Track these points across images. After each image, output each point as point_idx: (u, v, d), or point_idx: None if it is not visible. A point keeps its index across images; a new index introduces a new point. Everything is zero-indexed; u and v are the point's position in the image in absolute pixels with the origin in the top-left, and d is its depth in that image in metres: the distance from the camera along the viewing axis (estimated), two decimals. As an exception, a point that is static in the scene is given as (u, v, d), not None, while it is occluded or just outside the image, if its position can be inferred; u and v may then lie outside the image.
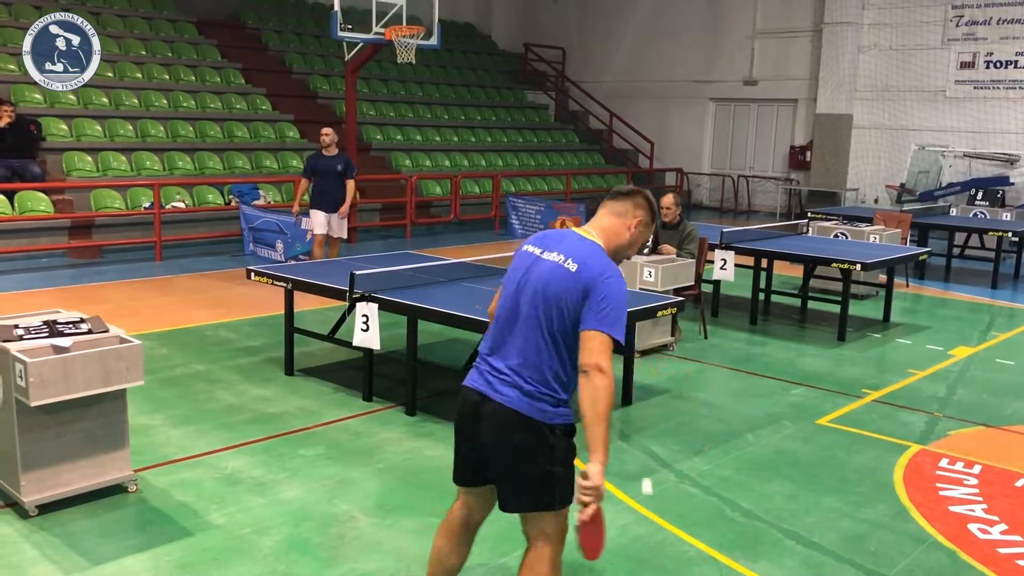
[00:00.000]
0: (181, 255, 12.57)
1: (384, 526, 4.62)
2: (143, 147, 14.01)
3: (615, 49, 22.59)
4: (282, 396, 6.63)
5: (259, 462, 5.38)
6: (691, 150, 21.64)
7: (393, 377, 7.08)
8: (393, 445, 5.71)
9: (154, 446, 5.58)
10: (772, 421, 6.39)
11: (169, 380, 6.93)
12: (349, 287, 6.19)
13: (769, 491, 5.18)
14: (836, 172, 19.38)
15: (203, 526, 4.54)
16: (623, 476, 5.32)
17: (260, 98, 16.60)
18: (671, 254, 8.25)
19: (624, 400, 6.68)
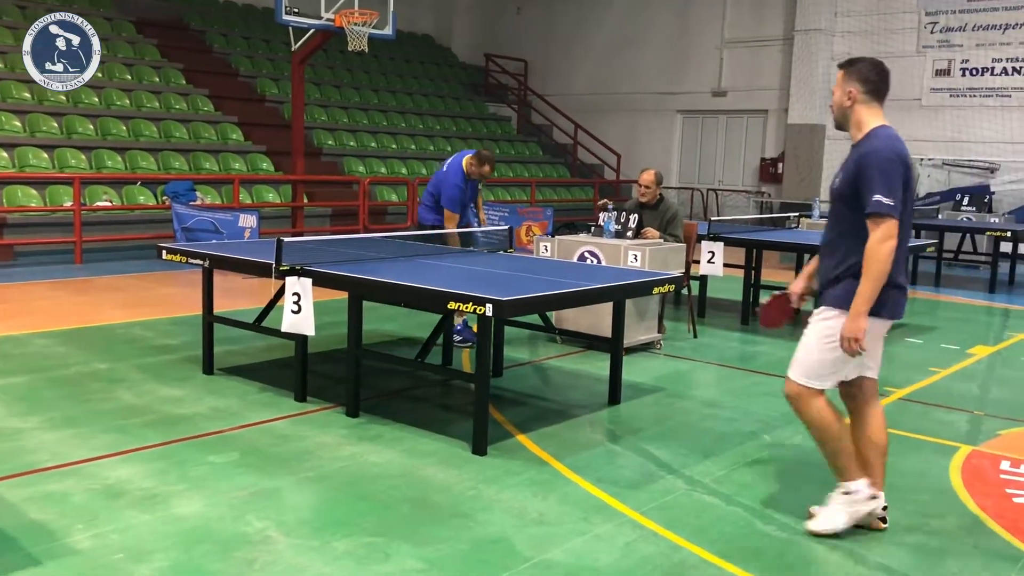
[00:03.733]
0: (106, 258, 11.28)
1: (309, 548, 3.44)
2: (68, 144, 12.73)
3: (580, 61, 21.77)
4: (195, 396, 5.43)
5: (152, 471, 4.18)
6: (659, 163, 20.67)
7: (332, 376, 5.92)
8: (328, 450, 4.54)
9: (17, 452, 4.35)
10: (790, 421, 5.31)
11: (58, 379, 5.69)
12: (276, 259, 5.04)
13: (804, 499, 4.08)
14: (809, 184, 18.60)
15: (59, 551, 3.34)
16: (621, 484, 4.21)
17: (202, 99, 15.42)
18: (655, 238, 7.22)
19: (612, 399, 5.59)
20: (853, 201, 3.55)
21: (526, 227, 13.46)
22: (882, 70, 3.67)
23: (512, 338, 7.05)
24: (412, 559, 3.38)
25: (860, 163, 3.53)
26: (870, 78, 3.63)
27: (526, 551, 3.48)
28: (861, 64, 3.68)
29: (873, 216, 3.45)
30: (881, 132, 3.59)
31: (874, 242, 3.45)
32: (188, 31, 17.44)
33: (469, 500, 3.96)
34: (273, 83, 17.06)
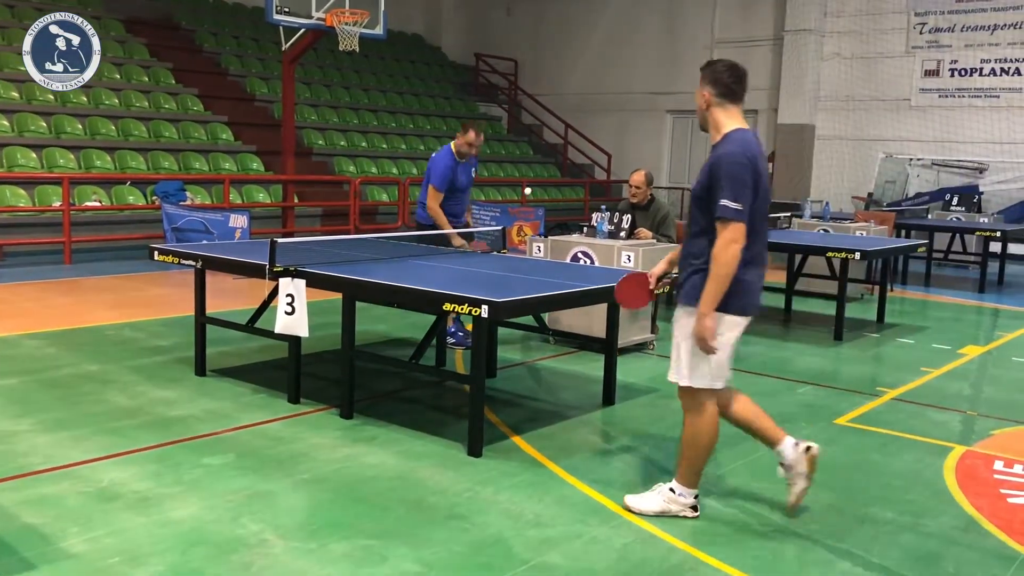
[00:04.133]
0: (95, 259, 11.22)
1: (306, 551, 3.43)
2: (57, 144, 12.66)
3: (570, 61, 21.76)
4: (189, 398, 5.40)
5: (147, 473, 4.15)
6: (649, 163, 20.66)
7: (326, 377, 5.90)
8: (323, 452, 4.53)
9: (10, 455, 4.32)
10: (784, 421, 5.30)
11: (50, 381, 5.65)
12: (269, 260, 5.02)
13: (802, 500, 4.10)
14: (799, 184, 18.65)
15: (53, 556, 3.31)
16: (616, 486, 4.20)
17: (191, 99, 15.35)
18: (648, 238, 7.23)
19: (606, 400, 5.58)
20: (706, 204, 3.63)
21: (517, 227, 13.43)
22: (736, 72, 3.72)
23: (505, 339, 7.04)
24: (409, 562, 3.37)
25: (712, 167, 3.61)
26: (722, 80, 3.69)
27: (524, 553, 3.47)
28: (716, 66, 3.73)
29: (720, 220, 3.52)
30: (735, 135, 3.65)
31: (720, 245, 3.53)
32: (178, 30, 17.35)
33: (465, 502, 3.95)
34: (263, 82, 17.00)
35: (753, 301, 3.74)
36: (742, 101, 3.75)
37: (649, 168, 7.96)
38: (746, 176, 3.54)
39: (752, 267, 3.67)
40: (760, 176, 3.61)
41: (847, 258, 7.65)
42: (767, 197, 3.69)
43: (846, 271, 7.91)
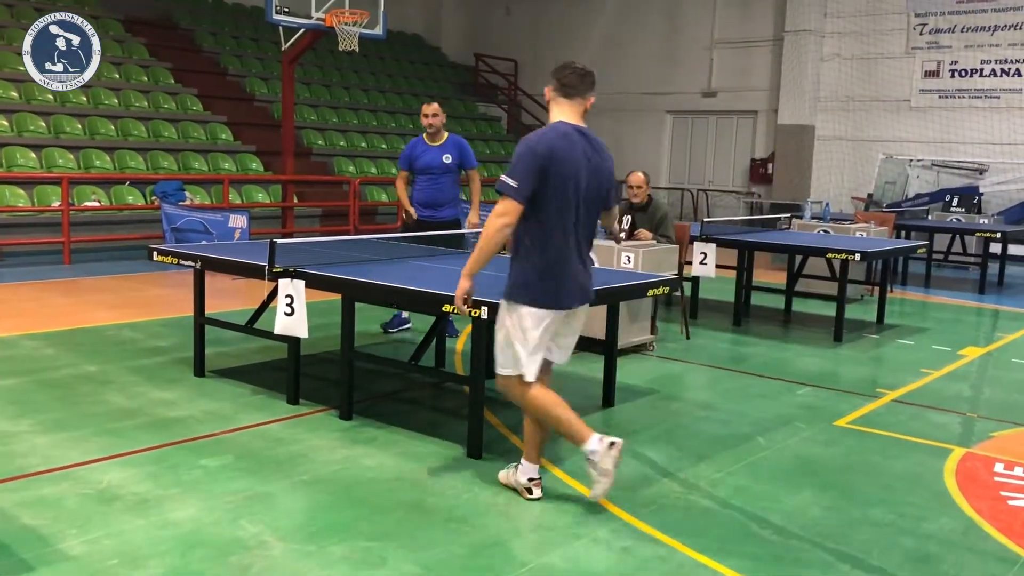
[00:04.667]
0: (95, 259, 11.21)
1: (305, 553, 3.42)
2: (56, 144, 12.65)
3: (567, 60, 21.76)
4: (188, 399, 5.39)
5: (145, 474, 4.15)
6: (648, 164, 20.70)
7: (325, 379, 5.90)
8: (322, 453, 4.52)
9: (8, 456, 4.31)
10: (784, 423, 5.33)
11: (49, 382, 5.64)
12: (269, 261, 5.01)
13: (800, 502, 4.10)
14: (799, 185, 18.64)
15: (51, 557, 3.30)
16: (616, 487, 4.16)
17: (191, 98, 15.34)
18: (648, 239, 7.22)
19: (605, 402, 5.58)
20: None
21: (517, 227, 13.43)
22: (578, 73, 3.91)
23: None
24: (409, 564, 3.36)
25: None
26: (561, 78, 3.92)
27: (523, 555, 3.47)
28: (563, 66, 3.97)
29: (498, 192, 3.76)
30: (550, 127, 3.87)
31: (491, 216, 3.74)
32: (177, 30, 17.35)
33: (465, 504, 3.94)
34: (263, 82, 16.99)
35: (547, 299, 3.83)
36: (582, 97, 3.91)
37: (647, 169, 7.95)
38: (529, 161, 3.71)
39: (550, 268, 3.80)
40: (557, 169, 3.73)
41: (847, 259, 7.65)
42: (574, 197, 3.79)
43: (846, 272, 7.90)
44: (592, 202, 3.89)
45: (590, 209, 3.90)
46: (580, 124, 3.91)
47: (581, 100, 3.92)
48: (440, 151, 6.99)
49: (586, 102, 3.94)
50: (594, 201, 3.91)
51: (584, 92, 3.92)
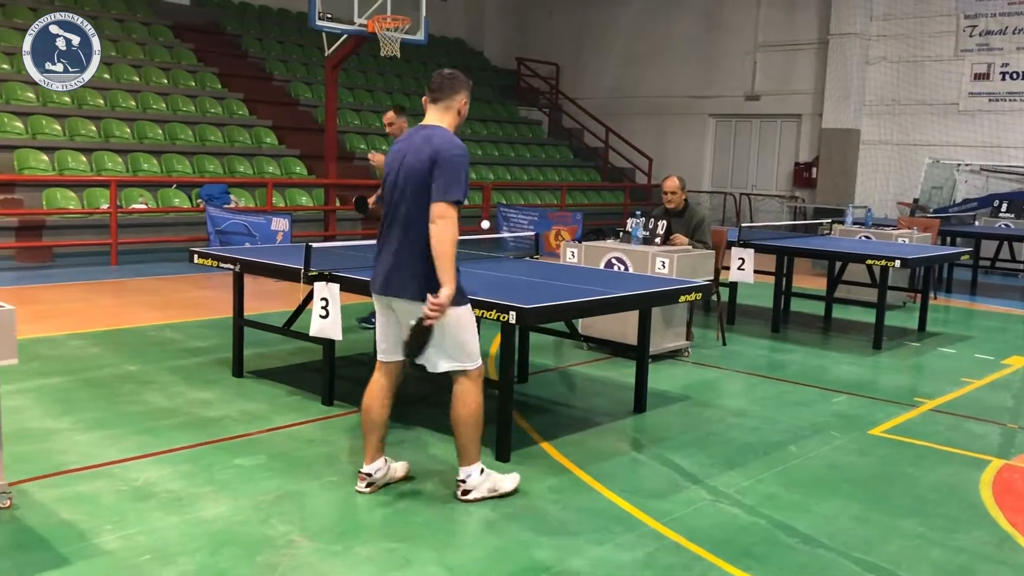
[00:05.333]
0: (141, 260, 11.45)
1: (331, 553, 3.48)
2: (105, 147, 12.95)
3: (611, 64, 21.71)
4: (225, 399, 5.50)
5: (180, 473, 4.24)
6: (691, 167, 20.60)
7: (360, 380, 5.92)
8: (353, 456, 4.58)
9: (49, 453, 4.44)
10: (817, 431, 5.29)
11: (91, 380, 5.79)
12: (304, 264, 5.10)
13: (830, 512, 4.06)
14: (843, 189, 18.40)
15: (88, 552, 3.40)
16: (643, 494, 4.20)
17: (236, 103, 15.61)
18: (683, 244, 7.19)
19: (637, 407, 5.57)
20: None
21: (555, 232, 13.45)
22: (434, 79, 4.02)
23: (537, 344, 7.05)
24: (433, 565, 3.40)
25: None
26: (429, 85, 4.05)
27: (547, 559, 3.49)
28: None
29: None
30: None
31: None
32: (224, 35, 17.65)
33: (490, 507, 3.97)
34: (307, 87, 17.22)
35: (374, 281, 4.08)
36: (434, 103, 4.00)
37: (690, 172, 7.92)
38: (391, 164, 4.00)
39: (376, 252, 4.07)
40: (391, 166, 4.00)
41: (887, 266, 7.54)
42: (392, 189, 3.97)
43: (886, 279, 7.79)
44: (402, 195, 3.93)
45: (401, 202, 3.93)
46: (434, 123, 3.98)
47: (434, 103, 4.01)
48: None
49: (453, 103, 3.99)
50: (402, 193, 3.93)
51: (434, 96, 4.00)
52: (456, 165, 3.79)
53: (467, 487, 4.00)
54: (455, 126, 3.99)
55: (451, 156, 3.80)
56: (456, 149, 3.83)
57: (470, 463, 4.02)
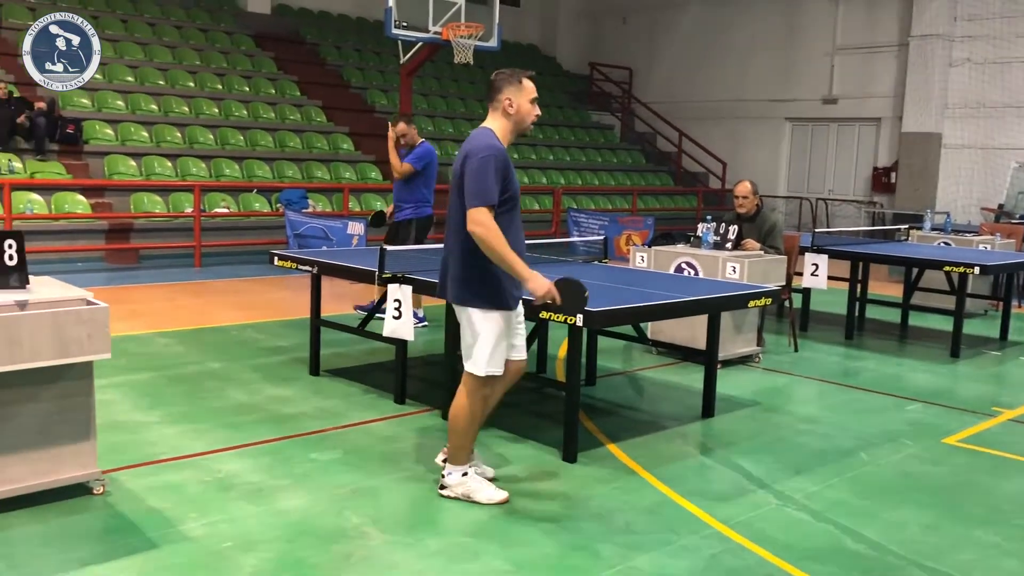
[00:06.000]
0: (223, 262, 11.85)
1: (403, 545, 3.60)
2: (190, 153, 13.44)
3: (685, 68, 21.58)
4: (302, 396, 5.70)
5: (261, 466, 4.43)
6: (766, 172, 20.35)
7: (431, 380, 6.11)
8: (425, 452, 4.71)
9: (139, 444, 4.67)
10: (889, 439, 5.22)
11: (177, 377, 6.06)
12: (379, 267, 5.26)
13: (900, 519, 4.03)
14: (924, 194, 17.94)
15: (174, 537, 3.59)
16: (709, 496, 4.23)
17: (315, 110, 16.02)
18: (755, 250, 7.16)
19: (705, 412, 5.58)
20: None
21: (626, 236, 13.45)
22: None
23: (606, 348, 7.10)
24: (500, 560, 3.49)
25: None
26: None
27: (611, 558, 3.55)
28: None
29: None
30: None
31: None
32: (303, 44, 18.11)
33: (557, 506, 4.05)
34: (383, 94, 17.55)
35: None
36: (489, 107, 4.04)
37: (765, 177, 7.87)
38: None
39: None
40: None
41: (966, 272, 7.38)
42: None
43: (965, 286, 7.63)
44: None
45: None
46: (483, 126, 4.00)
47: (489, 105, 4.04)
48: (403, 157, 7.98)
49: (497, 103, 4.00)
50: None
51: (489, 97, 4.04)
52: (479, 168, 3.75)
53: (444, 483, 4.08)
54: (505, 127, 3.94)
55: (475, 159, 3.78)
56: (482, 151, 3.78)
57: (453, 463, 4.08)
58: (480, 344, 3.93)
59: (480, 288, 3.90)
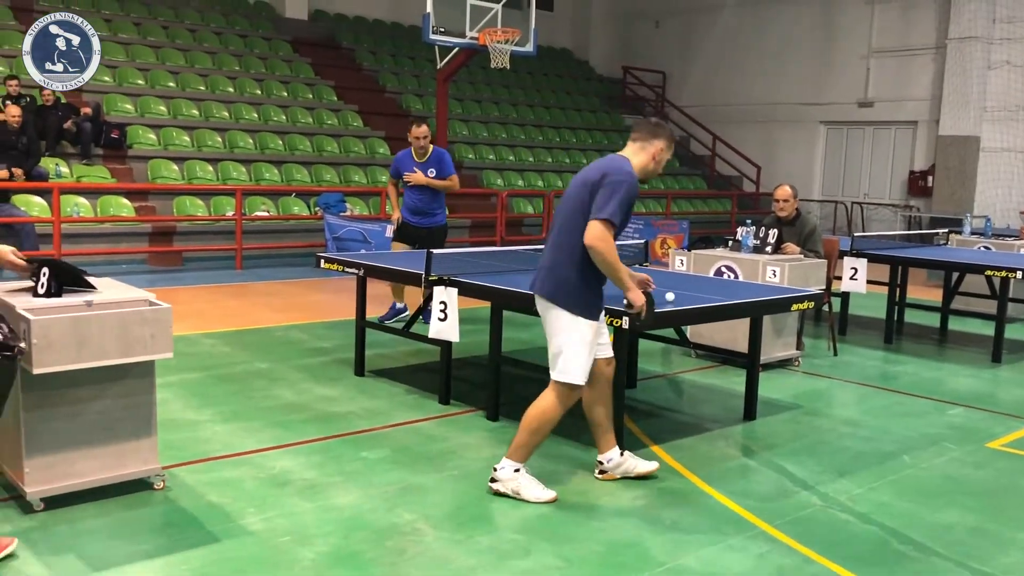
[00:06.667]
0: (263, 265, 12.04)
1: (454, 541, 3.69)
2: (230, 158, 13.66)
3: (718, 71, 21.55)
4: (348, 396, 5.81)
5: (312, 463, 4.54)
6: (800, 175, 20.25)
7: (474, 381, 6.20)
8: (471, 451, 4.80)
9: (195, 441, 4.81)
10: (932, 442, 5.24)
11: (226, 376, 6.20)
12: (425, 269, 5.36)
13: (945, 521, 4.06)
14: (961, 198, 17.77)
15: (234, 531, 3.71)
16: (753, 497, 4.28)
17: (352, 114, 16.21)
18: (795, 253, 7.18)
19: (747, 415, 5.62)
20: None
21: (661, 240, 13.48)
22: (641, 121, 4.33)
23: (646, 351, 7.15)
24: (551, 556, 3.57)
25: None
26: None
27: (660, 556, 3.62)
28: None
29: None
30: None
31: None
32: (340, 49, 18.32)
33: (604, 505, 4.12)
34: (418, 99, 17.71)
35: None
36: (632, 141, 4.21)
37: (799, 180, 7.89)
38: None
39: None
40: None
41: (1007, 277, 7.35)
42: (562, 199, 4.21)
43: (1007, 291, 7.59)
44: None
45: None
46: (622, 154, 4.17)
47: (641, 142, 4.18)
48: (425, 167, 7.74)
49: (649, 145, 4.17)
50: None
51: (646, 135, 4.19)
52: (616, 188, 3.93)
53: (496, 476, 4.15)
54: (643, 168, 4.12)
55: (615, 178, 3.96)
56: (624, 176, 3.98)
57: (511, 457, 4.16)
58: (568, 354, 4.06)
59: (577, 296, 4.06)
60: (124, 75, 14.29)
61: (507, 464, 4.17)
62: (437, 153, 7.83)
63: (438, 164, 7.80)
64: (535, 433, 4.14)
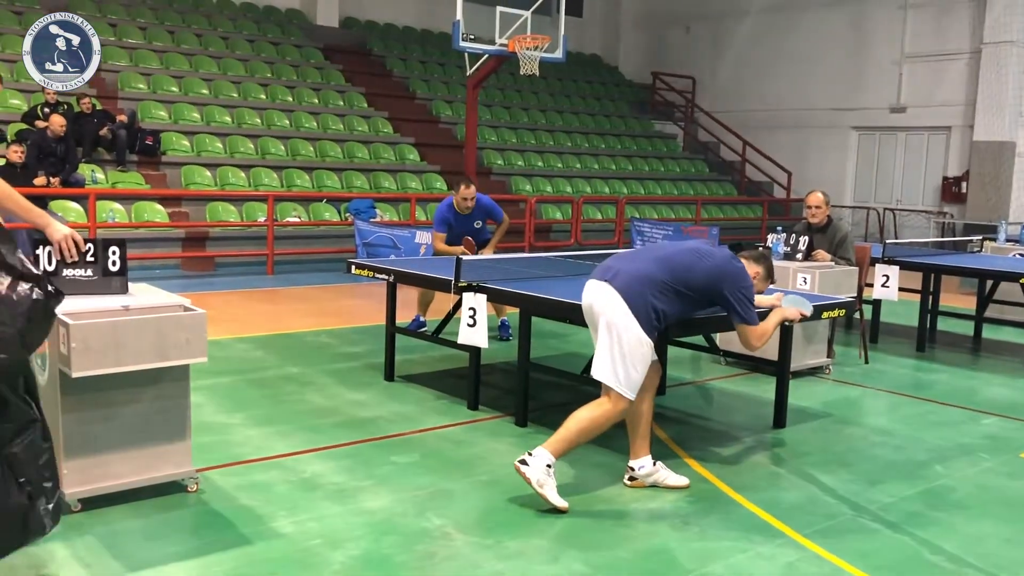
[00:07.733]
0: (294, 270, 12.17)
1: (484, 546, 3.71)
2: (262, 164, 13.82)
3: (749, 77, 21.45)
4: (378, 401, 5.86)
5: (343, 467, 4.58)
6: (832, 181, 20.07)
7: (503, 387, 6.23)
8: (500, 457, 4.82)
9: (227, 445, 4.87)
10: (965, 452, 5.18)
11: (258, 381, 6.27)
12: (455, 276, 5.39)
13: (978, 532, 4.02)
14: (996, 205, 17.54)
15: (266, 534, 3.75)
16: (783, 506, 4.26)
17: (382, 121, 16.33)
18: (826, 260, 7.13)
19: (776, 423, 5.60)
20: None
21: (691, 246, 13.42)
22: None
23: (675, 358, 7.14)
24: (579, 563, 3.58)
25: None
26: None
27: (687, 563, 3.62)
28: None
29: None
30: None
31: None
32: (370, 56, 18.47)
33: (631, 511, 4.13)
34: (447, 105, 17.81)
35: None
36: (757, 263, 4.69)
37: (831, 186, 7.84)
38: None
39: None
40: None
41: (1044, 285, 7.25)
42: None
43: (1042, 299, 7.49)
44: None
45: None
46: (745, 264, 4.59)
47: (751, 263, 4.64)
48: (471, 219, 7.89)
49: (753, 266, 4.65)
50: None
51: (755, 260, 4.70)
52: (746, 296, 4.37)
53: (528, 460, 4.09)
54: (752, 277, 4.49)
55: (742, 283, 4.36)
56: (747, 282, 4.40)
57: (549, 450, 4.12)
58: (629, 368, 4.13)
59: (653, 318, 4.17)
60: (158, 83, 14.51)
61: (544, 455, 4.12)
62: (480, 205, 7.86)
63: (488, 213, 7.93)
64: (583, 434, 4.17)
